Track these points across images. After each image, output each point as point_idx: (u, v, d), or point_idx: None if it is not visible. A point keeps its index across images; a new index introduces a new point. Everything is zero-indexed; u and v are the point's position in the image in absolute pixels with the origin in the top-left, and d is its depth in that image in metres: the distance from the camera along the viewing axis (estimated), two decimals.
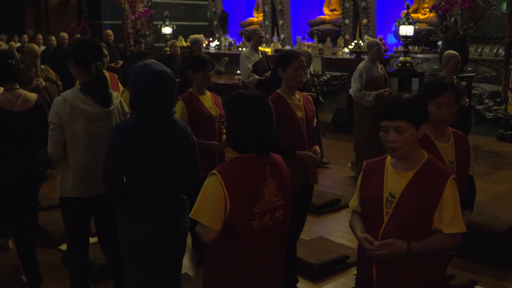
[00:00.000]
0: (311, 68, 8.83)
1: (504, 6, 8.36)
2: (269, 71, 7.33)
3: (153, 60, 2.75)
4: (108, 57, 4.90)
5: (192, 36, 8.49)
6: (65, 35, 10.81)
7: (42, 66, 5.86)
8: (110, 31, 10.97)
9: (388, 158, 2.33)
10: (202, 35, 10.02)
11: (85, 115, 2.96)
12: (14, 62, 3.73)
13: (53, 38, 10.91)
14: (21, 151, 3.66)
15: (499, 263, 4.08)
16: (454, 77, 5.67)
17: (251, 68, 7.23)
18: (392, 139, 2.20)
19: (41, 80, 5.53)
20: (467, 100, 5.93)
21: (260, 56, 7.50)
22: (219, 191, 2.15)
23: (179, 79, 7.01)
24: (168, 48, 12.31)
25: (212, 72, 4.11)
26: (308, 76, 6.59)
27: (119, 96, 3.21)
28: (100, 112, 3.01)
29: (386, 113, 2.24)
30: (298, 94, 3.55)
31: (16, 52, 4.74)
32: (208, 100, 4.11)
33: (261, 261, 2.25)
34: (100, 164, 2.93)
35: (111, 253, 3.33)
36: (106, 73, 4.96)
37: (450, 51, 5.85)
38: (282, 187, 2.30)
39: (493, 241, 4.13)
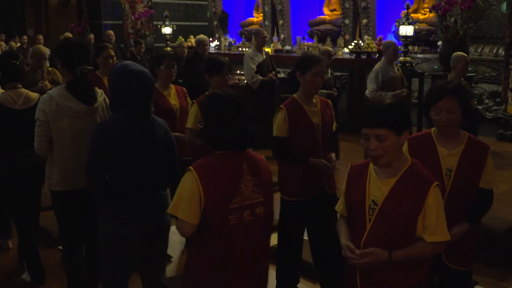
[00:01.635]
0: None
1: (504, 6, 8.36)
2: (273, 72, 7.34)
3: (130, 61, 2.87)
4: (115, 58, 4.82)
5: (197, 37, 8.50)
6: (69, 35, 10.80)
7: (50, 68, 5.79)
8: (111, 32, 10.86)
9: (372, 163, 2.29)
10: (203, 36, 9.93)
11: (70, 112, 3.10)
12: (18, 63, 3.83)
13: (62, 38, 10.87)
14: (21, 147, 3.72)
15: (499, 263, 4.08)
16: (462, 79, 5.62)
17: (255, 68, 7.22)
18: (373, 147, 2.15)
19: (47, 82, 5.45)
20: (475, 102, 5.87)
21: (264, 56, 7.47)
22: (194, 186, 2.21)
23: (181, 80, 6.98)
24: (168, 48, 12.36)
25: (229, 75, 3.99)
26: (330, 75, 6.56)
27: (103, 94, 3.32)
28: (85, 110, 3.14)
29: (366, 120, 2.18)
30: (316, 99, 3.47)
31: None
32: None
33: (240, 257, 2.29)
34: (84, 158, 3.00)
35: (90, 248, 3.43)
36: None
37: (459, 52, 5.83)
38: (261, 184, 2.33)
39: (493, 241, 4.13)
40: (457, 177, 2.65)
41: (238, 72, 8.61)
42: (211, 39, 13.78)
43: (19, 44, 12.59)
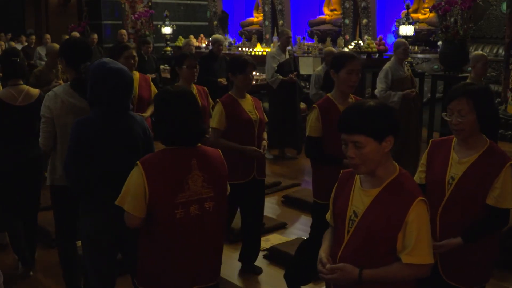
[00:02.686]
0: (314, 68, 8.85)
1: (504, 6, 8.36)
2: (294, 72, 7.33)
3: (109, 59, 2.91)
4: (136, 58, 4.76)
5: (212, 36, 8.52)
6: (77, 35, 10.81)
7: None
8: (124, 31, 10.69)
9: None
10: (219, 35, 9.75)
11: (74, 109, 3.16)
12: (18, 60, 3.92)
13: (67, 37, 10.87)
14: (21, 143, 3.84)
15: (499, 263, 4.07)
16: (482, 79, 5.52)
17: (276, 68, 7.22)
18: (351, 154, 1.97)
19: (61, 81, 5.44)
20: (497, 99, 5.79)
21: (288, 56, 7.47)
22: (140, 180, 2.28)
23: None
24: (168, 48, 12.36)
25: (252, 75, 3.92)
26: None
27: None
28: (88, 106, 3.16)
29: (343, 125, 1.99)
30: (351, 98, 3.38)
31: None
32: (249, 103, 3.92)
33: (188, 250, 2.35)
34: None
35: None
36: (137, 73, 4.85)
37: (478, 52, 5.80)
38: (212, 179, 2.38)
39: None
40: (458, 187, 2.46)
41: None
42: (211, 39, 13.78)
43: (26, 44, 12.57)
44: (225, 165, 2.49)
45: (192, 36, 13.12)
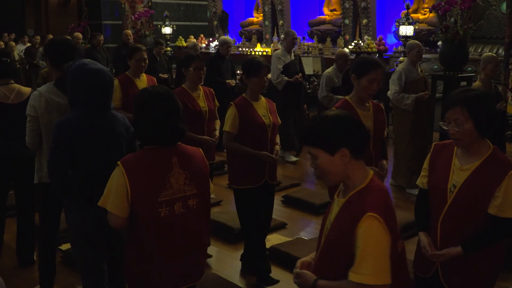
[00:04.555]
0: (314, 68, 8.85)
1: (504, 6, 8.37)
2: (299, 74, 7.31)
3: (88, 59, 2.92)
4: (147, 61, 4.72)
5: (220, 38, 8.48)
6: (79, 35, 10.80)
7: None
8: (129, 31, 10.54)
9: None
10: (228, 37, 9.63)
11: (59, 108, 3.20)
12: (9, 60, 4.01)
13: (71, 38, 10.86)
14: (16, 141, 3.84)
15: None
16: (492, 81, 5.47)
17: (281, 69, 7.20)
18: (311, 165, 2.02)
19: None
20: (504, 104, 5.67)
21: (293, 57, 7.45)
22: (121, 180, 2.31)
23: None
24: (168, 48, 12.36)
25: (267, 77, 3.82)
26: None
27: None
28: None
29: (302, 136, 2.06)
30: (369, 103, 3.34)
31: (14, 52, 4.83)
32: (262, 106, 3.81)
33: (175, 248, 2.37)
34: None
35: None
36: (144, 75, 4.81)
37: (489, 53, 5.77)
38: (194, 177, 2.41)
39: None
40: (459, 195, 2.38)
41: (239, 72, 8.62)
42: (211, 39, 13.80)
43: (29, 44, 12.56)
44: (207, 163, 2.52)
45: (192, 36, 13.15)
